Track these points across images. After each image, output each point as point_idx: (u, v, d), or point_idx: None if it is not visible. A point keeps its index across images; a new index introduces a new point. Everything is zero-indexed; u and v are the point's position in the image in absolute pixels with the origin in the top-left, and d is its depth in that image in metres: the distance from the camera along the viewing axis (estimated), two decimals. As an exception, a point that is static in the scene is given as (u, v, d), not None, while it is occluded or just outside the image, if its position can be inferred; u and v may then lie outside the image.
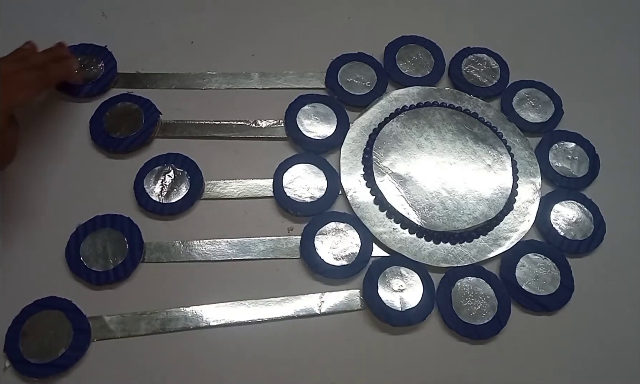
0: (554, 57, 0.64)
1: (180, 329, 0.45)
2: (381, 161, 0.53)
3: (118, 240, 0.47)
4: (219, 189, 0.52)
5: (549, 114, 0.58)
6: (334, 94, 0.57)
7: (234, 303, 0.46)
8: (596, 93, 0.61)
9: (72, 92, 0.56)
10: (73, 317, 0.44)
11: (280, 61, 0.60)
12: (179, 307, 0.46)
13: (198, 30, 0.62)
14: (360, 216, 0.51)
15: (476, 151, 0.54)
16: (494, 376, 0.45)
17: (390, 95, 0.58)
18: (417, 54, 0.61)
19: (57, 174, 0.52)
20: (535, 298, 0.48)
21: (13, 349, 0.42)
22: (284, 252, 0.49)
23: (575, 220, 0.52)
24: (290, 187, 0.51)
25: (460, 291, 0.48)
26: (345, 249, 0.49)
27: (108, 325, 0.45)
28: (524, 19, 0.67)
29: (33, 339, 0.43)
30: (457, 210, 0.51)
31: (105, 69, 0.57)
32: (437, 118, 0.56)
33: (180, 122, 0.55)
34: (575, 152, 0.56)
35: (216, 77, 0.59)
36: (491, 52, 0.62)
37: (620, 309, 0.49)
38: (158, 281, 0.47)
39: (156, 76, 0.58)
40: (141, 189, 0.50)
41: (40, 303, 0.44)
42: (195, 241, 0.49)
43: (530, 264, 0.49)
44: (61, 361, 0.42)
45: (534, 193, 0.53)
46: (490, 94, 0.59)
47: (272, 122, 0.56)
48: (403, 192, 0.52)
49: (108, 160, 0.53)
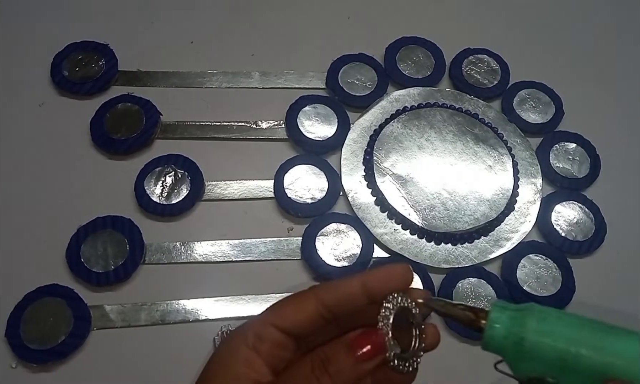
0: (555, 58, 0.64)
1: (180, 322, 0.45)
2: (382, 161, 0.53)
3: (119, 241, 0.47)
4: (219, 190, 0.52)
5: (549, 115, 0.58)
6: (335, 95, 0.57)
7: (233, 298, 0.46)
8: (597, 94, 0.61)
9: (72, 89, 0.56)
10: (74, 305, 0.44)
11: (280, 61, 0.60)
12: (179, 299, 0.46)
13: (198, 30, 0.62)
14: (361, 217, 0.51)
15: (477, 152, 0.54)
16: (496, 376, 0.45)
17: (391, 96, 0.58)
18: (418, 54, 0.61)
19: (57, 175, 0.52)
20: (537, 298, 0.48)
21: (14, 335, 0.43)
22: (285, 253, 0.49)
23: (576, 221, 0.52)
24: (291, 188, 0.51)
25: (462, 292, 0.48)
26: (346, 250, 0.49)
27: (108, 314, 0.45)
28: (524, 19, 0.67)
29: (34, 325, 0.43)
30: (458, 211, 0.51)
31: (106, 67, 0.57)
32: (437, 119, 0.56)
33: (180, 123, 0.55)
34: (576, 153, 0.56)
35: (217, 76, 0.59)
36: (492, 53, 0.62)
37: (621, 309, 0.49)
38: (159, 282, 0.47)
39: (157, 74, 0.58)
40: (142, 190, 0.50)
41: (42, 290, 0.45)
42: (196, 242, 0.49)
43: (531, 265, 0.49)
44: (61, 348, 0.43)
45: (535, 194, 0.53)
46: (491, 95, 0.59)
47: (272, 123, 0.55)
48: (404, 193, 0.51)
49: (108, 161, 0.53)
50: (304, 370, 0.26)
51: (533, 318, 0.23)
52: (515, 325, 0.24)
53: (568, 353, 0.22)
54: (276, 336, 0.27)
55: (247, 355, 0.27)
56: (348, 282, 0.27)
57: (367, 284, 0.27)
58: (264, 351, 0.27)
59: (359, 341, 0.26)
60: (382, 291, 0.27)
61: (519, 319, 0.24)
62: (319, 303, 0.27)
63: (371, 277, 0.27)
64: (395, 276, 0.27)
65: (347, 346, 0.26)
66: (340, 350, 0.26)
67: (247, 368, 0.26)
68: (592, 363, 0.22)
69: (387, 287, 0.27)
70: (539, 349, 0.23)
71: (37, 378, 0.43)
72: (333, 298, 0.27)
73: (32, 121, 0.55)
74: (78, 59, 0.57)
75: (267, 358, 0.27)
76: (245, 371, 0.26)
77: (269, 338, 0.27)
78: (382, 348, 0.25)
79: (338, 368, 0.25)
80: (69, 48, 0.58)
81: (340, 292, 0.27)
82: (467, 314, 0.25)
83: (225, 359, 0.27)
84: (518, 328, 0.24)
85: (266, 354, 0.27)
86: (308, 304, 0.27)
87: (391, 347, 0.26)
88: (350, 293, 0.27)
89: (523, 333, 0.23)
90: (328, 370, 0.25)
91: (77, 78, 0.56)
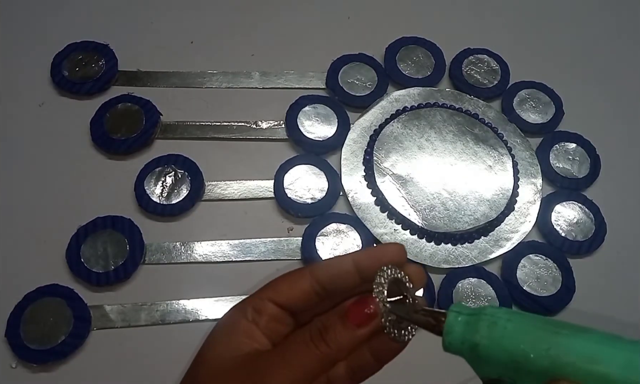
0: (555, 58, 0.64)
1: (180, 322, 0.45)
2: (382, 162, 0.53)
3: (119, 241, 0.47)
4: (219, 190, 0.52)
5: (549, 115, 0.58)
6: (335, 95, 0.57)
7: (233, 298, 0.46)
8: (597, 94, 0.61)
9: (72, 89, 0.56)
10: (74, 305, 0.44)
11: (280, 61, 0.60)
12: (179, 299, 0.46)
13: (198, 30, 0.62)
14: (361, 217, 0.51)
15: (477, 152, 0.54)
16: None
17: (391, 96, 0.58)
18: (418, 54, 0.61)
19: (57, 175, 0.52)
20: (537, 298, 0.48)
21: (14, 335, 0.43)
22: (285, 254, 0.49)
23: (576, 221, 0.52)
24: (291, 188, 0.51)
25: (462, 292, 0.47)
26: (347, 250, 0.49)
27: (108, 314, 0.45)
28: (524, 19, 0.67)
29: (34, 325, 0.43)
30: (458, 211, 0.51)
31: (106, 67, 0.57)
32: (437, 119, 0.56)
33: (180, 123, 0.55)
34: (576, 153, 0.56)
35: (217, 76, 0.59)
36: (492, 53, 0.62)
37: (621, 309, 0.49)
38: (158, 282, 0.47)
39: (157, 74, 0.58)
40: (142, 191, 0.50)
41: (42, 290, 0.45)
42: (196, 242, 0.49)
43: (531, 265, 0.49)
44: (61, 348, 0.43)
45: (535, 194, 0.53)
46: (491, 95, 0.59)
47: (272, 123, 0.55)
48: (404, 193, 0.51)
49: (108, 161, 0.53)
50: (302, 338, 0.27)
51: (484, 323, 0.24)
52: (469, 331, 0.24)
53: (518, 355, 0.23)
54: (273, 310, 0.28)
55: (247, 327, 0.28)
56: (341, 259, 0.28)
57: (360, 262, 0.28)
58: (262, 324, 0.28)
59: (353, 307, 0.26)
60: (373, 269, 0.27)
61: (472, 325, 0.24)
62: (313, 279, 0.28)
63: (363, 254, 0.28)
64: (387, 254, 0.28)
65: (343, 313, 0.26)
66: (336, 318, 0.26)
67: (247, 338, 0.28)
68: (540, 364, 0.22)
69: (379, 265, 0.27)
70: (492, 354, 0.23)
71: (37, 378, 0.43)
72: (327, 275, 0.28)
73: (32, 121, 0.55)
74: (78, 59, 0.57)
75: (265, 330, 0.28)
76: (246, 341, 0.27)
77: (266, 312, 0.28)
78: (376, 313, 0.26)
79: (334, 334, 0.26)
80: (69, 48, 0.58)
81: (333, 269, 0.28)
82: (428, 320, 0.26)
83: (227, 331, 0.29)
84: (471, 333, 0.24)
85: (264, 327, 0.28)
86: (303, 281, 0.28)
87: (386, 314, 0.26)
88: (343, 269, 0.28)
89: (477, 339, 0.24)
90: (325, 338, 0.26)
91: (77, 78, 0.56)
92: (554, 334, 0.22)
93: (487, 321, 0.24)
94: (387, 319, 0.26)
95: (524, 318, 0.24)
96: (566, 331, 0.22)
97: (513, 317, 0.24)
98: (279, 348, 0.27)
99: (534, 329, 0.23)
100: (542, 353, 0.22)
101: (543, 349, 0.22)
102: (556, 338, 0.22)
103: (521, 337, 0.23)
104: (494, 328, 0.23)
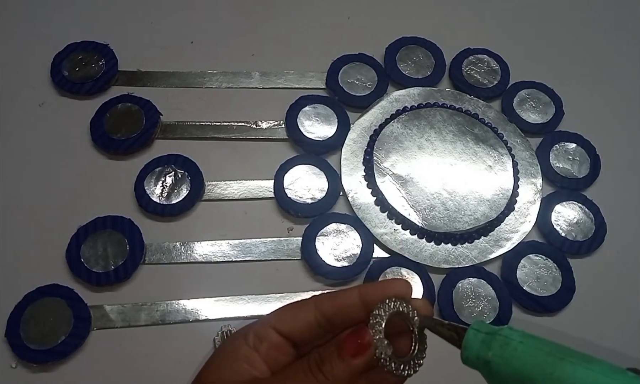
0: (555, 58, 0.64)
1: (180, 322, 0.45)
2: (382, 162, 0.53)
3: (119, 241, 0.47)
4: (219, 190, 0.52)
5: (549, 115, 0.58)
6: (335, 95, 0.57)
7: (233, 298, 0.46)
8: (597, 94, 0.61)
9: (72, 89, 0.56)
10: (74, 305, 0.44)
11: (280, 61, 0.60)
12: (179, 299, 0.46)
13: (198, 30, 0.62)
14: (361, 217, 0.51)
15: (477, 152, 0.54)
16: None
17: (391, 96, 0.58)
18: (418, 54, 0.61)
19: (57, 175, 0.52)
20: (537, 298, 0.48)
21: (14, 335, 0.43)
22: (285, 254, 0.49)
23: (576, 221, 0.52)
24: (291, 188, 0.51)
25: (462, 292, 0.48)
26: (346, 250, 0.49)
27: (108, 314, 0.45)
28: (524, 19, 0.67)
29: (34, 325, 0.43)
30: (458, 211, 0.51)
31: (106, 67, 0.57)
32: (437, 119, 0.56)
33: (180, 123, 0.55)
34: (576, 153, 0.56)
35: (217, 76, 0.59)
36: (492, 53, 0.62)
37: (621, 309, 0.49)
38: (158, 282, 0.47)
39: (157, 74, 0.58)
40: (142, 191, 0.50)
41: (42, 290, 0.45)
42: (196, 242, 0.49)
43: (531, 265, 0.49)
44: (61, 348, 0.43)
45: (535, 194, 0.53)
46: (491, 95, 0.59)
47: (272, 123, 0.55)
48: (404, 193, 0.51)
49: (108, 161, 0.53)
50: (301, 367, 0.27)
51: (497, 343, 0.26)
52: (483, 349, 0.26)
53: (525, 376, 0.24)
54: (275, 338, 0.28)
55: (247, 353, 0.28)
56: (347, 292, 0.29)
57: (366, 296, 0.28)
58: (262, 351, 0.28)
59: (348, 338, 0.27)
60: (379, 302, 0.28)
61: (487, 343, 0.26)
62: (318, 311, 0.28)
63: (370, 288, 0.28)
64: (393, 289, 0.28)
65: (339, 343, 0.27)
66: (333, 349, 0.27)
67: (247, 364, 0.28)
68: None
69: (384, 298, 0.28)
70: (502, 372, 0.25)
71: (37, 378, 0.43)
72: (332, 307, 0.28)
73: (32, 121, 0.55)
74: (78, 59, 0.57)
75: (265, 357, 0.28)
76: (245, 367, 0.28)
77: (268, 339, 0.28)
78: (369, 343, 0.26)
79: (331, 365, 0.26)
80: (69, 48, 0.58)
81: (338, 302, 0.28)
82: (451, 334, 0.28)
83: (227, 356, 0.29)
84: (485, 351, 0.26)
85: (265, 354, 0.28)
86: (308, 312, 0.28)
87: (382, 347, 0.27)
88: (348, 303, 0.28)
89: (489, 357, 0.25)
90: (322, 369, 0.26)
91: (77, 78, 0.56)
92: (560, 360, 0.24)
93: (501, 341, 0.25)
94: (383, 351, 0.27)
95: (534, 342, 0.25)
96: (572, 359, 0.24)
97: (525, 339, 0.25)
98: (278, 376, 0.28)
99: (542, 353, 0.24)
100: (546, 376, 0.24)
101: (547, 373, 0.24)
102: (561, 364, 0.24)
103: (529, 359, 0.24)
104: (506, 348, 0.25)
